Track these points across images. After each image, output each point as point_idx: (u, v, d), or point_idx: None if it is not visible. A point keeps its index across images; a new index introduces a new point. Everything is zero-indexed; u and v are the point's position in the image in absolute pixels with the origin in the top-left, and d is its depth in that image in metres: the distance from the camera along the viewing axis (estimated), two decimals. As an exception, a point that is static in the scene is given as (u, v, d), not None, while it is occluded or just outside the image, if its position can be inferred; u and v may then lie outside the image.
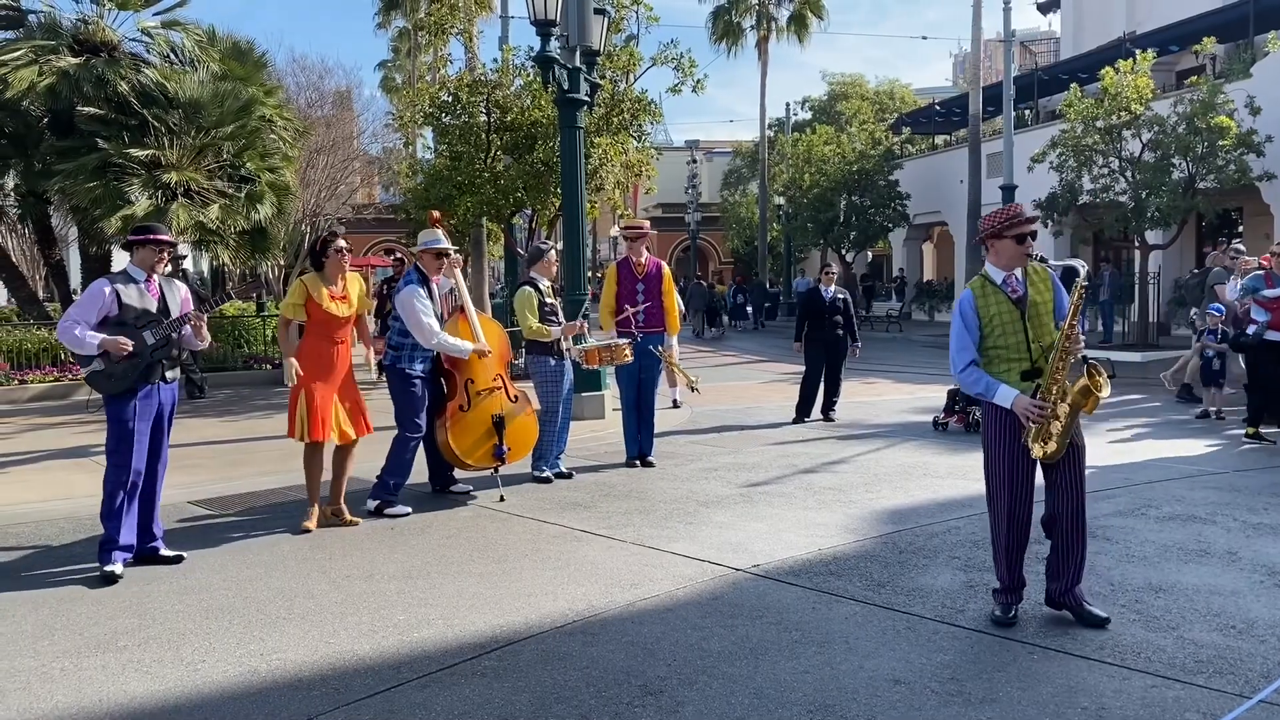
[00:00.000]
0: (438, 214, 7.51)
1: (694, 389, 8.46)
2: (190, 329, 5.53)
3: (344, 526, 6.29)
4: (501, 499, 6.94)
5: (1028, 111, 29.44)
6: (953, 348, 4.41)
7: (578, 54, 10.56)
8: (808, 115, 42.79)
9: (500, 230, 17.81)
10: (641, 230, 8.49)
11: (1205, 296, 11.75)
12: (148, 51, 14.28)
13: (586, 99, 10.88)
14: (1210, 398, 10.74)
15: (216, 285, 23.68)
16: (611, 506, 6.80)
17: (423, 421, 6.82)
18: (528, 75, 15.26)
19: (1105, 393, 4.09)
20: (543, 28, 10.40)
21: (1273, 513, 6.36)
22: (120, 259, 5.68)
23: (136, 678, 3.95)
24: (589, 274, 14.43)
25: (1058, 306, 4.36)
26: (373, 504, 6.63)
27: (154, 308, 5.42)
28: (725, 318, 32.08)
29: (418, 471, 6.99)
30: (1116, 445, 9.10)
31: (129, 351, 5.24)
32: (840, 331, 10.99)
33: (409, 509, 6.64)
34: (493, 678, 3.90)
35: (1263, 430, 9.21)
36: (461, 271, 7.51)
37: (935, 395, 11.61)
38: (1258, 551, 5.47)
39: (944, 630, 4.34)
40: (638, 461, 8.28)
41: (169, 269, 5.82)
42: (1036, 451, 4.21)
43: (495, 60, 16.59)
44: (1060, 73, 27.45)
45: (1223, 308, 10.60)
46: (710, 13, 37.35)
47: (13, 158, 13.84)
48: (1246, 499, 6.80)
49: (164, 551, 5.57)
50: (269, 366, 15.56)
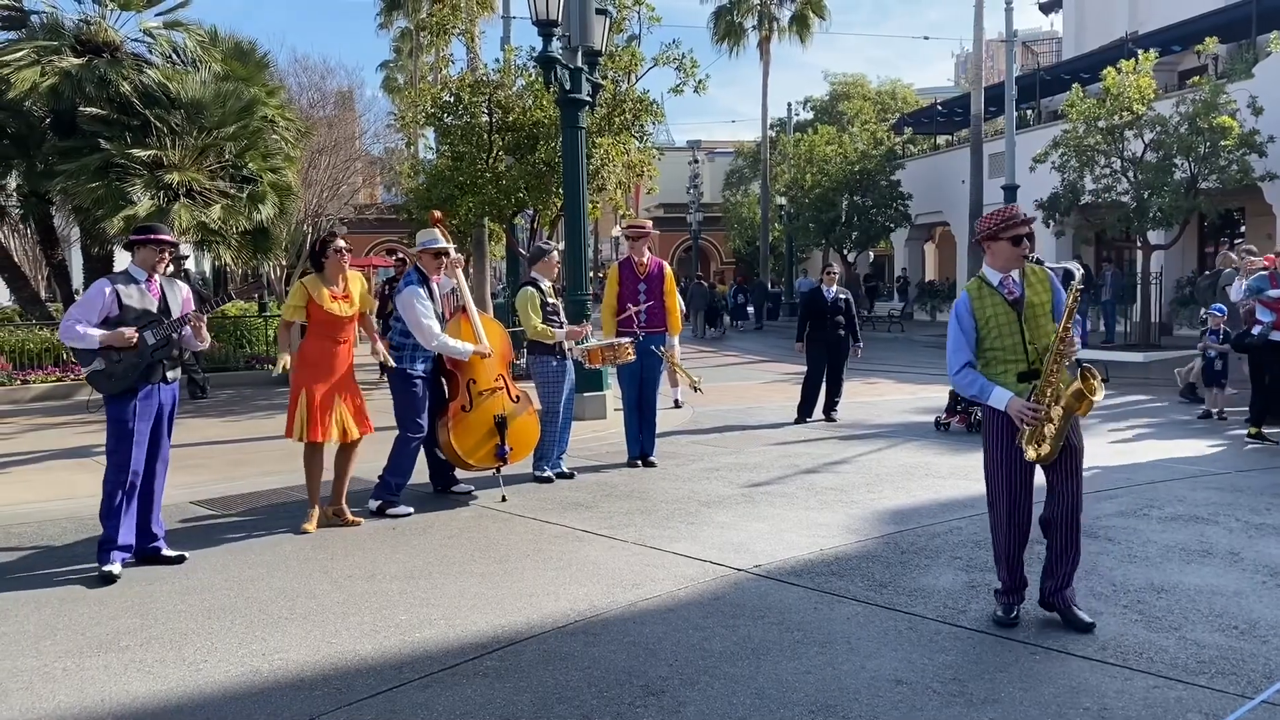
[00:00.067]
0: (439, 214, 7.51)
1: (696, 389, 8.48)
2: (190, 329, 5.54)
3: (346, 527, 6.30)
4: (503, 499, 6.94)
5: (1030, 111, 29.42)
6: (949, 349, 4.41)
7: (579, 54, 10.57)
8: (809, 115, 42.82)
9: (502, 230, 17.82)
10: (643, 230, 8.49)
11: (1218, 297, 11.73)
12: (150, 52, 14.29)
13: (588, 99, 10.88)
14: (1212, 398, 10.73)
15: (218, 285, 23.69)
16: (613, 506, 6.81)
17: (424, 422, 6.82)
18: (529, 75, 15.27)
19: (1098, 396, 4.09)
20: (544, 28, 10.41)
21: (1275, 513, 6.36)
22: (122, 259, 5.69)
23: (138, 677, 3.95)
24: (590, 274, 14.43)
25: (1056, 307, 4.35)
26: (374, 504, 6.64)
27: (155, 308, 5.42)
28: (726, 318, 32.07)
29: (419, 472, 7.00)
30: (1118, 445, 9.10)
31: (134, 341, 5.24)
32: (842, 332, 10.98)
33: (411, 509, 6.65)
34: (494, 678, 3.90)
35: (1265, 430, 9.21)
36: (463, 272, 7.51)
37: (937, 395, 11.61)
38: (1260, 552, 5.46)
39: (946, 630, 4.34)
40: (639, 461, 8.28)
41: (170, 269, 5.82)
42: (1030, 454, 4.21)
43: (497, 60, 16.61)
44: (1062, 73, 27.44)
45: (1224, 308, 10.60)
46: (712, 13, 37.38)
47: (15, 158, 13.86)
48: (1249, 499, 6.80)
49: (166, 551, 5.58)
50: (271, 367, 15.55)
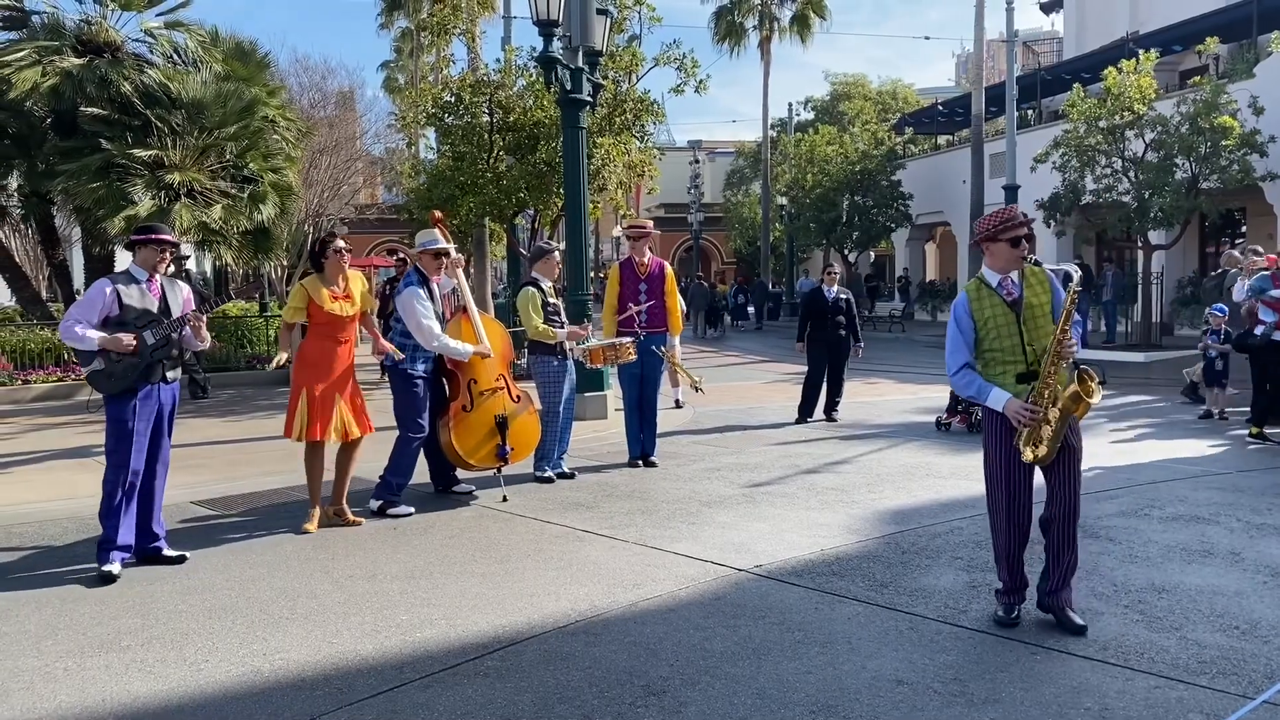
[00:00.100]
0: (439, 214, 7.50)
1: (697, 389, 8.47)
2: (190, 330, 5.54)
3: (347, 526, 6.30)
4: (504, 499, 6.94)
5: (1030, 111, 29.42)
6: (948, 350, 4.41)
7: (580, 54, 10.57)
8: (810, 115, 42.84)
9: (503, 231, 17.81)
10: (644, 230, 8.49)
11: (1224, 298, 11.70)
12: (151, 52, 14.30)
13: (589, 99, 10.89)
14: (1213, 398, 10.73)
15: (220, 285, 23.69)
16: (614, 507, 6.80)
17: (425, 422, 6.82)
18: (530, 75, 15.26)
19: (1095, 399, 4.08)
20: (545, 28, 10.41)
21: (1276, 513, 6.36)
22: (123, 259, 5.69)
23: (140, 677, 3.95)
24: (591, 274, 14.43)
25: (1055, 309, 4.33)
26: (375, 504, 6.64)
27: (155, 308, 5.42)
28: (727, 317, 32.07)
29: (420, 472, 7.00)
30: (1120, 445, 9.09)
31: (132, 347, 5.24)
32: (843, 332, 10.98)
33: (412, 509, 6.65)
34: (495, 678, 3.90)
35: (1267, 431, 9.20)
36: (464, 272, 7.50)
37: (938, 395, 11.60)
38: (1261, 552, 5.46)
39: (947, 630, 4.34)
40: (640, 461, 8.28)
41: (172, 269, 5.82)
42: (1027, 455, 4.20)
43: (498, 60, 16.61)
44: (1063, 73, 27.43)
45: (1225, 308, 10.60)
46: (713, 13, 37.41)
47: (16, 158, 13.86)
48: (1250, 499, 6.80)
49: (167, 551, 5.58)
50: (272, 367, 15.56)
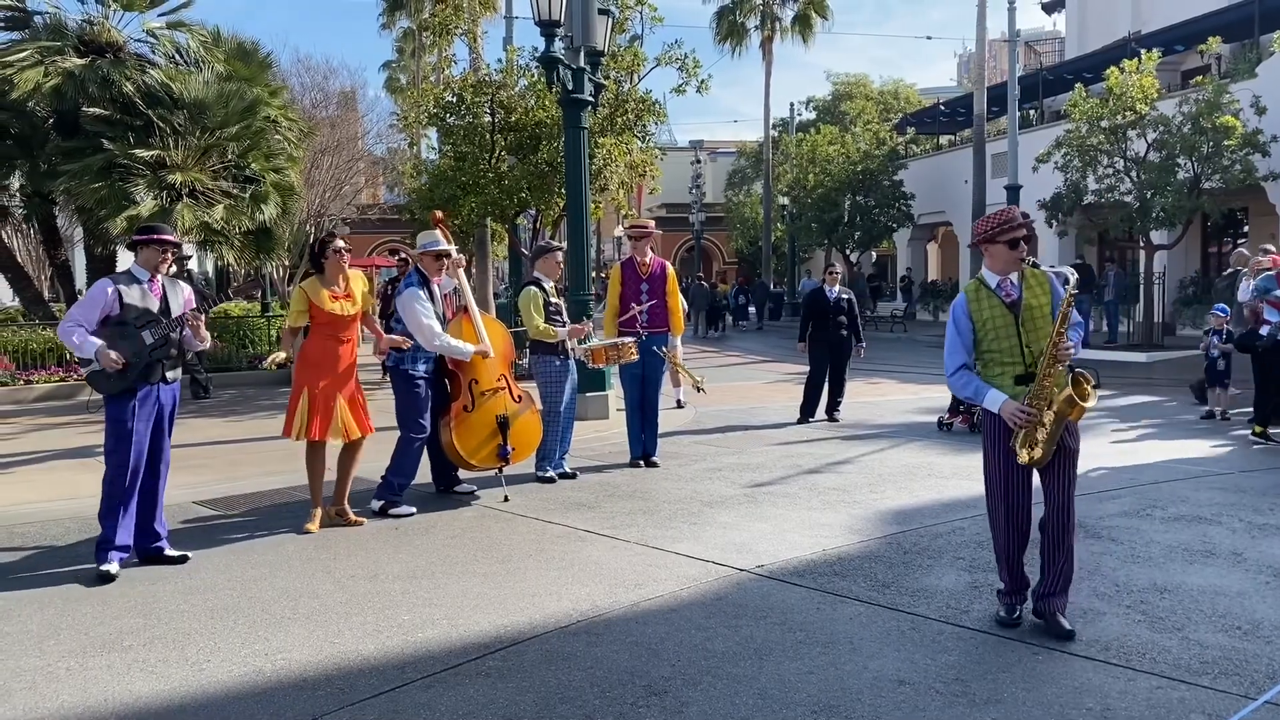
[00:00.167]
0: (441, 214, 7.50)
1: (699, 389, 8.47)
2: (189, 329, 5.54)
3: (348, 527, 6.30)
4: (506, 499, 6.94)
5: (1032, 111, 29.41)
6: (946, 350, 4.41)
7: (582, 54, 10.57)
8: (812, 115, 42.85)
9: (504, 231, 17.83)
10: (646, 230, 8.48)
11: (1236, 297, 11.66)
12: (153, 52, 14.30)
13: (591, 99, 10.89)
14: (1215, 398, 10.72)
15: (221, 285, 23.70)
16: (615, 507, 6.80)
17: (426, 422, 6.82)
18: (532, 76, 15.27)
19: (1090, 403, 4.07)
20: (547, 28, 10.42)
21: (1278, 514, 6.35)
22: (125, 259, 5.69)
23: (141, 677, 3.96)
24: (593, 274, 14.42)
25: (1055, 310, 4.31)
26: (377, 504, 6.64)
27: (156, 308, 5.42)
28: (729, 317, 32.06)
29: (422, 472, 7.00)
30: (1121, 446, 9.08)
31: (119, 366, 5.22)
32: (844, 332, 10.98)
33: (413, 509, 6.65)
34: (497, 678, 3.90)
35: (1270, 431, 9.18)
36: (466, 272, 7.50)
37: (940, 395, 11.59)
38: (1263, 552, 5.46)
39: (948, 631, 4.33)
40: (641, 462, 8.28)
41: (174, 269, 5.83)
42: (1023, 457, 4.19)
43: (499, 61, 16.62)
44: (1065, 73, 27.42)
45: (1227, 308, 10.59)
46: (714, 13, 37.41)
47: (18, 158, 13.87)
48: (1252, 500, 6.79)
49: (169, 551, 5.58)
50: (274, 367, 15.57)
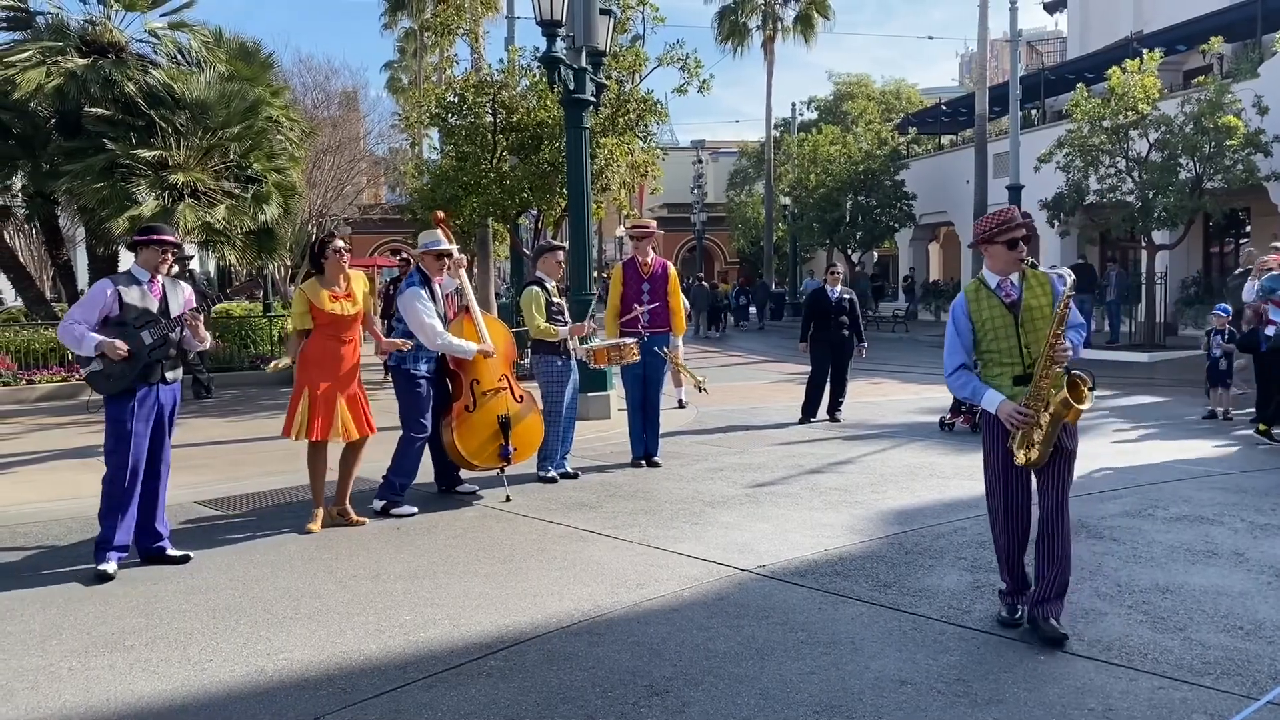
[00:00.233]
0: (442, 214, 7.50)
1: (701, 389, 8.47)
2: (188, 330, 5.54)
3: (350, 527, 6.30)
4: (507, 499, 6.94)
5: (1034, 111, 29.39)
6: (945, 351, 4.41)
7: (583, 54, 10.57)
8: (814, 115, 42.85)
9: (506, 231, 17.82)
10: (647, 230, 8.48)
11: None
12: (155, 52, 14.31)
13: (592, 99, 10.89)
14: (1217, 398, 10.71)
15: (223, 286, 23.72)
16: (617, 507, 6.81)
17: (428, 422, 6.83)
18: (534, 76, 15.27)
19: (1086, 405, 4.06)
20: (548, 28, 10.42)
21: (1280, 514, 6.35)
22: (128, 259, 5.69)
23: (144, 677, 3.96)
24: (595, 274, 14.41)
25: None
26: (379, 504, 6.64)
27: (155, 308, 5.42)
28: (730, 317, 32.04)
29: (423, 472, 7.00)
30: (1123, 446, 9.08)
31: (125, 354, 5.25)
32: (846, 332, 10.97)
33: (415, 509, 6.65)
34: (499, 678, 3.90)
35: (1275, 431, 9.14)
36: (467, 272, 7.50)
37: (941, 395, 11.58)
38: (1265, 552, 5.45)
39: (950, 631, 4.33)
40: (643, 462, 8.27)
41: (175, 269, 5.83)
42: (1020, 458, 4.19)
43: (501, 61, 16.61)
44: (1067, 72, 27.40)
45: (1228, 308, 10.59)
46: (716, 13, 37.38)
47: (20, 158, 13.88)
48: (1254, 500, 6.78)
49: (170, 551, 5.59)
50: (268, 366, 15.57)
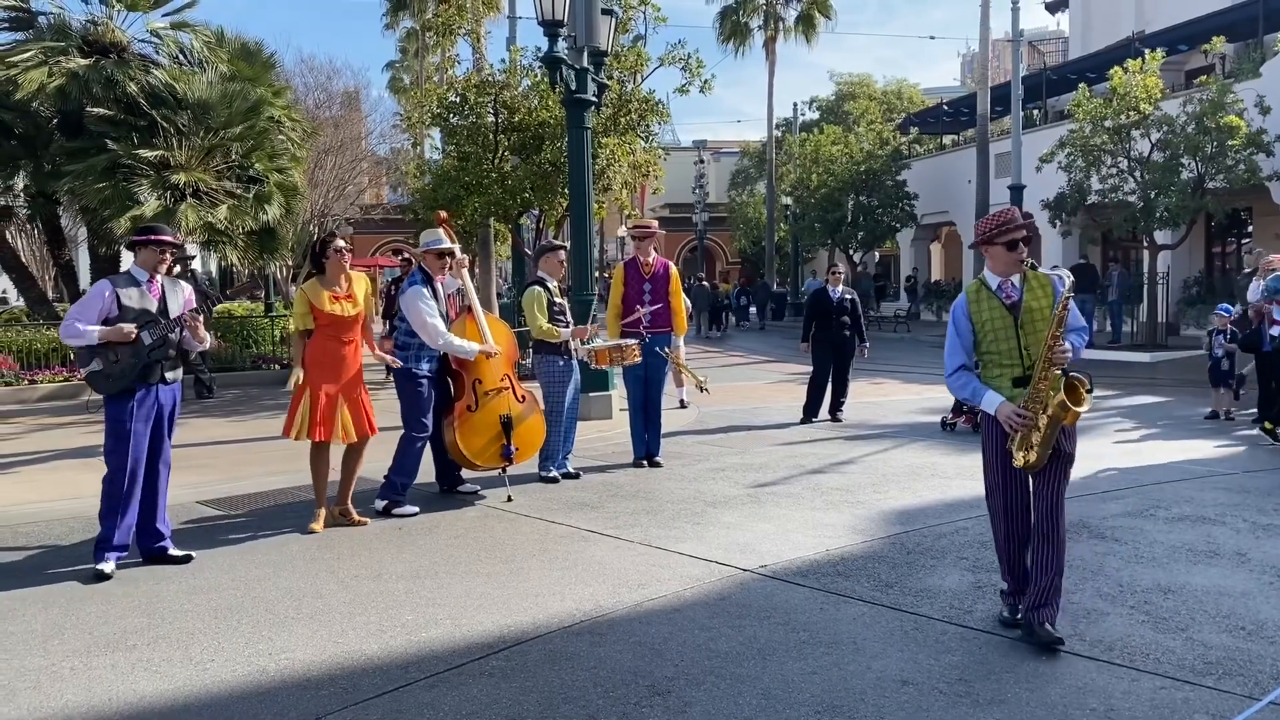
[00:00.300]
0: (444, 214, 7.50)
1: (703, 389, 8.47)
2: (187, 330, 5.54)
3: (352, 526, 6.31)
4: (509, 499, 6.94)
5: (1036, 111, 29.36)
6: (945, 351, 4.40)
7: (585, 54, 10.57)
8: (815, 115, 42.83)
9: (508, 231, 17.84)
10: (649, 230, 8.48)
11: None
12: (157, 52, 14.29)
13: (594, 99, 10.89)
14: (1218, 398, 10.71)
15: (224, 286, 23.72)
16: (619, 507, 6.81)
17: (429, 421, 6.83)
18: (535, 76, 15.27)
19: (1083, 408, 4.06)
20: (550, 28, 10.42)
21: (1282, 514, 6.34)
22: (129, 259, 5.70)
23: (146, 677, 3.96)
24: (596, 274, 14.41)
25: None
26: (380, 504, 6.64)
27: (154, 309, 5.42)
28: (731, 317, 32.03)
29: (425, 472, 7.00)
30: (1125, 446, 9.07)
31: (133, 335, 5.25)
32: (848, 332, 10.97)
33: (416, 509, 6.65)
34: (500, 678, 3.90)
35: (1278, 430, 9.13)
36: (469, 272, 7.51)
37: (943, 396, 11.57)
38: (1267, 553, 5.45)
39: (952, 631, 4.33)
40: (645, 462, 8.27)
41: (177, 270, 5.83)
42: (1019, 460, 4.18)
43: (503, 61, 16.62)
44: (1069, 72, 27.39)
45: (1230, 308, 10.58)
46: (718, 13, 37.36)
47: (22, 158, 13.88)
48: (1256, 500, 6.78)
49: (172, 551, 5.59)
50: (277, 367, 15.61)
